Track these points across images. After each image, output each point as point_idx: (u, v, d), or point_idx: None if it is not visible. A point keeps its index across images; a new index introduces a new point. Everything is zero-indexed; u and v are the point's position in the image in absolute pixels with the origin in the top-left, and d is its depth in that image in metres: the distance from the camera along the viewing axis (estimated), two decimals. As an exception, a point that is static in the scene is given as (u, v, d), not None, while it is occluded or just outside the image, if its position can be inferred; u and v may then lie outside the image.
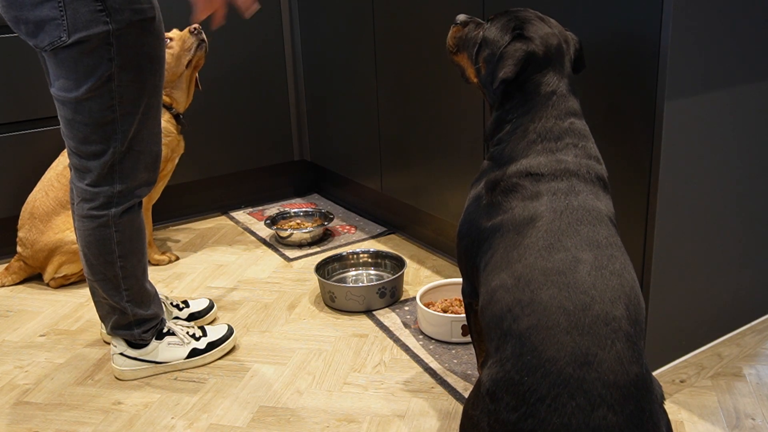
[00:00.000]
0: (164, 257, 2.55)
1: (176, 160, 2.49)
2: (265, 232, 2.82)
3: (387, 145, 2.51)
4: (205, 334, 1.89)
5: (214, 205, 2.53)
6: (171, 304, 2.03)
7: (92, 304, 2.24)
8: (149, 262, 2.51)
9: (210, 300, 2.11)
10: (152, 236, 2.56)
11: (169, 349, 1.82)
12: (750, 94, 1.60)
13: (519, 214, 1.23)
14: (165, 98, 2.37)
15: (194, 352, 1.85)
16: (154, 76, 1.62)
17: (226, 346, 1.90)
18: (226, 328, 1.93)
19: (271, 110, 3.01)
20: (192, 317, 2.04)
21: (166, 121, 2.37)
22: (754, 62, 1.58)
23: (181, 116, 2.42)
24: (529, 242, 1.18)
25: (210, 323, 2.07)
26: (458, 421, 1.58)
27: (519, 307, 1.11)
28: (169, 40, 2.30)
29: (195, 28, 2.34)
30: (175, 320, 1.90)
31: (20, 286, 2.40)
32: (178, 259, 2.56)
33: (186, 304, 2.06)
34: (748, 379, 1.68)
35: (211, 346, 1.88)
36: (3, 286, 2.38)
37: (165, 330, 1.83)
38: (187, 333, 1.86)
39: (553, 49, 1.33)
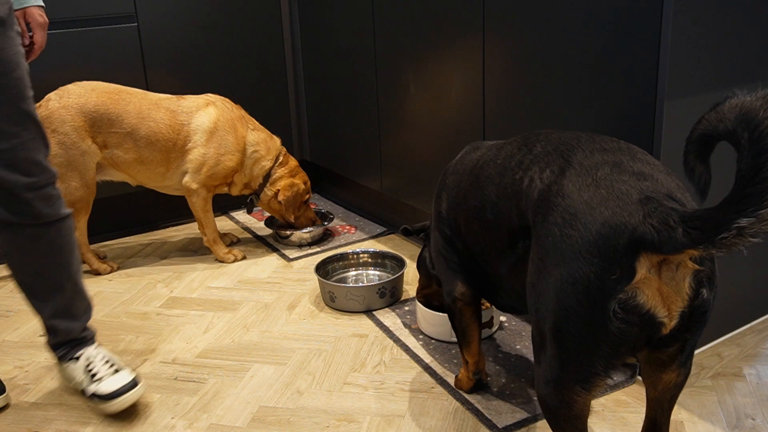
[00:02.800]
0: (230, 255, 2.55)
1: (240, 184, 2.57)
2: (265, 232, 2.82)
3: (387, 145, 2.51)
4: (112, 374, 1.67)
5: (214, 205, 2.54)
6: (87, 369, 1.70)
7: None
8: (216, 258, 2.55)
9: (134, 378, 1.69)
10: (217, 232, 2.56)
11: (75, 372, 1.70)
12: (750, 94, 1.60)
13: None
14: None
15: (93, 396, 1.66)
16: None
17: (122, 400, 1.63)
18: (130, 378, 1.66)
19: (272, 110, 3.01)
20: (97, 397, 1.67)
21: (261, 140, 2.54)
22: (753, 62, 1.58)
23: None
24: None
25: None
26: (458, 422, 1.58)
27: None
28: None
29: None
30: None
31: (20, 286, 2.41)
32: (244, 257, 2.58)
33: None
34: (748, 379, 1.68)
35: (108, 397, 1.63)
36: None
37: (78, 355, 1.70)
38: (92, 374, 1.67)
39: None
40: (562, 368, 1.12)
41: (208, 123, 2.42)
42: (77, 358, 1.70)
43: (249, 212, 2.72)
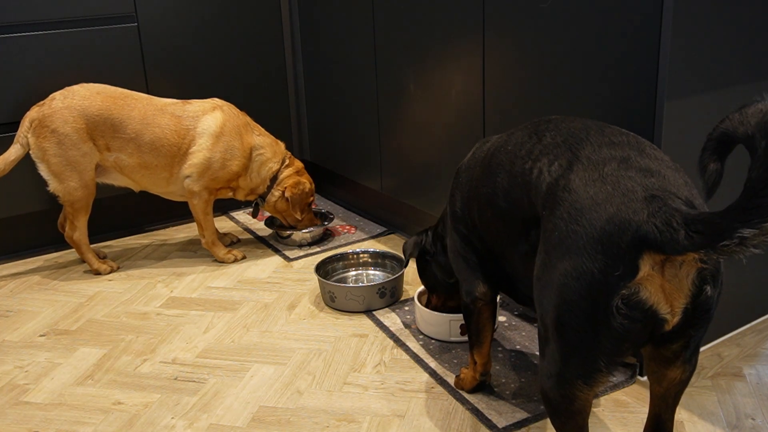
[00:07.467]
0: (230, 255, 2.55)
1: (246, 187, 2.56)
2: (265, 232, 2.82)
3: (387, 145, 2.51)
4: None
5: (214, 206, 2.54)
6: None
7: (92, 303, 2.24)
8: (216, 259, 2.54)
9: None
10: (215, 234, 2.55)
11: None
12: (750, 94, 1.60)
13: None
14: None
15: None
16: None
17: None
18: None
19: (272, 110, 3.01)
20: None
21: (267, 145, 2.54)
22: (754, 62, 1.58)
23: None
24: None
25: None
26: (458, 422, 1.58)
27: None
28: None
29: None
30: None
31: (20, 286, 2.40)
32: (244, 257, 2.57)
33: None
34: (748, 379, 1.68)
35: None
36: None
37: None
38: None
39: None
40: (564, 362, 1.12)
41: (214, 127, 2.41)
42: None
43: (254, 216, 2.72)
